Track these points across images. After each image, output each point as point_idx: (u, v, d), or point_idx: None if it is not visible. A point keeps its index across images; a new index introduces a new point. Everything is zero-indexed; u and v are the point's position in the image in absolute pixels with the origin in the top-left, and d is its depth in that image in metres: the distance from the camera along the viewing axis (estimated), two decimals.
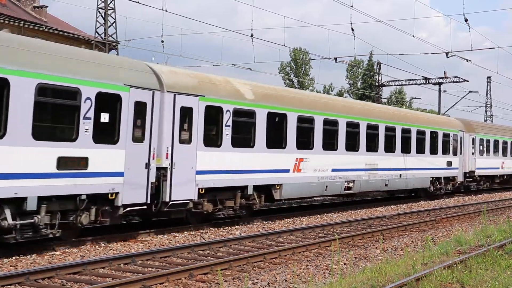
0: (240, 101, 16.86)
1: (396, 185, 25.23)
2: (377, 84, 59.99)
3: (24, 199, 11.14)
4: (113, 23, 37.96)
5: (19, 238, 11.27)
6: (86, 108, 12.34)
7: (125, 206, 13.28)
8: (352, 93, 74.36)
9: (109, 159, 12.83)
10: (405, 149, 25.66)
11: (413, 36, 28.14)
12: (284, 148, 18.51)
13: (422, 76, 49.65)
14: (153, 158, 13.99)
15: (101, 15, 37.59)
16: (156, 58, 52.39)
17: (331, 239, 14.04)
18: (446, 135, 29.53)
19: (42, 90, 11.49)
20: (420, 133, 27.02)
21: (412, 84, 52.36)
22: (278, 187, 18.18)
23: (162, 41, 30.86)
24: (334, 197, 27.36)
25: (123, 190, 13.09)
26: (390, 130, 24.63)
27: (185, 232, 15.49)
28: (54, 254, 12.02)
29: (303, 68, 75.35)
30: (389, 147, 24.56)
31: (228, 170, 16.38)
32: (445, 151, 29.37)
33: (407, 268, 10.52)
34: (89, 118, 12.40)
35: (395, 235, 16.47)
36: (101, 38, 37.56)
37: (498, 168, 36.63)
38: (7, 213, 10.89)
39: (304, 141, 19.45)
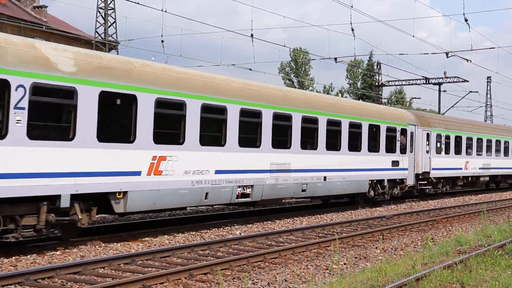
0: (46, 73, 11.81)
1: (319, 190, 20.30)
2: (377, 84, 60.00)
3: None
4: (113, 23, 38.00)
5: None
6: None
7: None
8: (352, 93, 74.41)
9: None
10: (333, 145, 20.82)
11: (413, 36, 28.17)
12: (132, 142, 13.56)
13: (422, 76, 49.68)
14: None
15: (101, 15, 37.63)
16: (156, 58, 52.34)
17: (331, 239, 14.03)
18: (391, 129, 24.45)
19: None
20: (354, 126, 21.99)
21: (412, 84, 52.38)
22: (121, 196, 13.32)
23: (162, 41, 30.92)
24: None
25: None
26: (309, 122, 19.59)
27: (185, 232, 15.49)
28: (54, 254, 12.02)
29: (303, 68, 75.43)
30: (309, 143, 19.67)
31: (24, 173, 11.36)
32: (390, 149, 24.37)
33: (407, 268, 10.52)
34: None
35: (395, 235, 16.47)
36: (101, 38, 37.58)
37: (461, 169, 31.78)
38: None
39: (170, 134, 14.81)
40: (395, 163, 24.71)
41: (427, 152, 27.84)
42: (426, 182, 28.06)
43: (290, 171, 18.66)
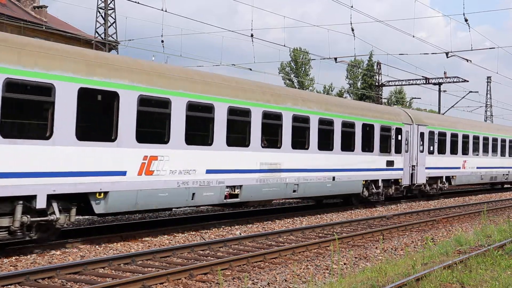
0: None
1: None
2: (377, 84, 60.02)
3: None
4: (113, 23, 37.99)
5: None
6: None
7: None
8: (352, 93, 74.42)
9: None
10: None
11: (413, 36, 28.15)
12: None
13: (422, 76, 49.71)
14: None
15: (101, 15, 37.63)
16: (156, 58, 52.40)
17: (331, 239, 14.03)
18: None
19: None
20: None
21: (412, 84, 52.41)
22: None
23: (162, 41, 30.93)
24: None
25: None
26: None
27: (185, 232, 15.49)
28: (54, 254, 12.02)
29: (303, 68, 75.43)
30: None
31: None
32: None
33: (407, 268, 10.52)
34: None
35: (395, 235, 16.47)
36: (101, 38, 37.58)
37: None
38: None
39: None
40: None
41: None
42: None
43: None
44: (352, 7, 23.82)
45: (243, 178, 16.62)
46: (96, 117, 13.05)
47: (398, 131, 24.99)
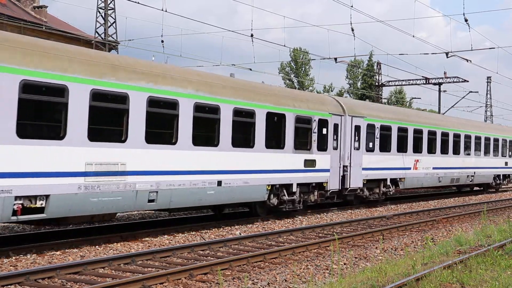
0: None
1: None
2: (377, 84, 60.05)
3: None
4: (113, 23, 37.99)
5: None
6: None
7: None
8: (352, 93, 74.43)
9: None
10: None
11: (413, 36, 28.15)
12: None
13: (422, 76, 49.72)
14: None
15: (101, 15, 37.63)
16: (156, 58, 52.37)
17: (331, 239, 14.04)
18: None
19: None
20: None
21: (412, 84, 52.43)
22: None
23: (162, 41, 30.92)
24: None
25: None
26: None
27: (185, 232, 15.49)
28: (54, 254, 12.02)
29: (303, 68, 75.42)
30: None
31: None
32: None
33: (407, 268, 10.52)
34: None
35: (395, 235, 16.47)
36: (101, 38, 37.58)
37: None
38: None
39: None
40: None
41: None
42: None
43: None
44: (352, 7, 23.83)
45: (50, 184, 11.68)
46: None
47: (323, 123, 20.03)
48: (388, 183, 24.50)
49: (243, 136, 16.77)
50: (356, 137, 22.07)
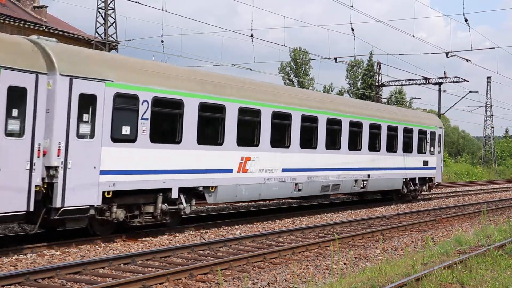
0: None
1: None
2: (377, 84, 60.05)
3: None
4: (113, 23, 37.97)
5: None
6: None
7: None
8: (352, 93, 74.43)
9: None
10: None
11: (413, 36, 28.18)
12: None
13: (422, 76, 49.75)
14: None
15: (101, 15, 37.61)
16: (156, 58, 52.39)
17: (331, 239, 14.04)
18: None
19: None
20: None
21: (412, 84, 52.46)
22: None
23: (162, 41, 30.96)
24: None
25: None
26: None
27: (185, 232, 15.50)
28: (54, 254, 12.02)
29: (303, 68, 75.47)
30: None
31: None
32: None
33: (407, 268, 10.53)
34: None
35: (395, 235, 16.47)
36: (101, 38, 37.57)
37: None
38: None
39: None
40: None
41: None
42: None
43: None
44: (352, 7, 23.85)
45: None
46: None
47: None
48: (180, 196, 14.75)
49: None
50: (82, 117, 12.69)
